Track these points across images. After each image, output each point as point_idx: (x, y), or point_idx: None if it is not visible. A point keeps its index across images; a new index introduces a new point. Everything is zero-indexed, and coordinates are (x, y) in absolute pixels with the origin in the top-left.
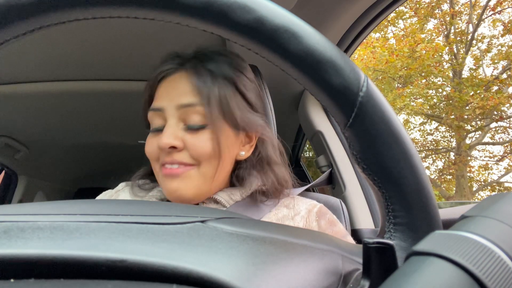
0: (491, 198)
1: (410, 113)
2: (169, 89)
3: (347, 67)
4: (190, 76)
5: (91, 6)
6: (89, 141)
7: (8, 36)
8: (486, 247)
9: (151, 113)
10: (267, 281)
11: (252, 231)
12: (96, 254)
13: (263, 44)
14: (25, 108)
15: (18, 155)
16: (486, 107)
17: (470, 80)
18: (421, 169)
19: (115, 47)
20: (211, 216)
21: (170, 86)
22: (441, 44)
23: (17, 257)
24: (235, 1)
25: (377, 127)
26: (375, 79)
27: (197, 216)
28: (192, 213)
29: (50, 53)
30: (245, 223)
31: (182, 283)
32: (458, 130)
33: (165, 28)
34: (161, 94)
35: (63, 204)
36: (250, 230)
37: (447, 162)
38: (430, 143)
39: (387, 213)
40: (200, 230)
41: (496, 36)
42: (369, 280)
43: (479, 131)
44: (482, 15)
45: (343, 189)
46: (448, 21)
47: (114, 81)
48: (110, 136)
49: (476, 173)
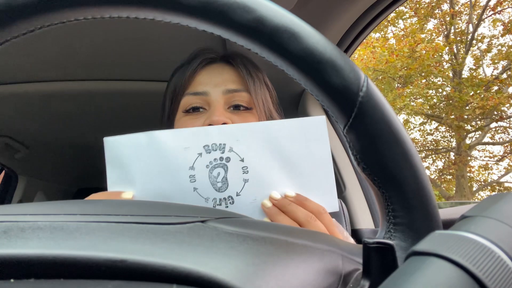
0: (491, 198)
1: (410, 113)
2: (212, 76)
3: (347, 67)
4: (233, 66)
5: (91, 6)
6: (89, 141)
7: (8, 36)
8: (486, 247)
9: (191, 97)
10: (267, 281)
11: (252, 231)
12: (96, 254)
13: (263, 44)
14: (25, 108)
15: (18, 155)
16: (486, 107)
17: (470, 80)
18: (421, 169)
19: (115, 47)
20: (211, 216)
21: (213, 73)
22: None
23: (17, 257)
24: (235, 1)
25: (377, 127)
26: (375, 79)
27: (197, 216)
28: (192, 213)
29: (50, 53)
30: (245, 223)
31: (182, 283)
32: (458, 130)
33: (164, 28)
34: (203, 80)
35: (63, 204)
36: (250, 230)
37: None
38: (430, 143)
39: (387, 213)
40: (200, 230)
41: (496, 36)
42: (369, 280)
43: (479, 131)
44: (482, 15)
45: (343, 189)
46: (448, 21)
47: (114, 81)
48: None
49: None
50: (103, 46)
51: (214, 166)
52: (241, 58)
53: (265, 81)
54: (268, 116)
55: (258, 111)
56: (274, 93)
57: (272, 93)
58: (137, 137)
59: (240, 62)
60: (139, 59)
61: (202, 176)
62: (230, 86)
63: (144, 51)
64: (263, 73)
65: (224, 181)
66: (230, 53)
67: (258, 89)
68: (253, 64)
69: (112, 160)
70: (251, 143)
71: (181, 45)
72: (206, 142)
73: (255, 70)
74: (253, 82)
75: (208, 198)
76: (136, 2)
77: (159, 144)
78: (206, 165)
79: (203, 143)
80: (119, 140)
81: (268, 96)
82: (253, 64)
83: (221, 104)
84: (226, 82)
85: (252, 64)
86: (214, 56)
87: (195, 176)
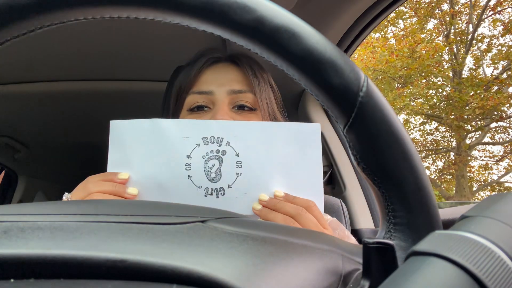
0: (491, 198)
1: (410, 113)
2: (218, 76)
3: (347, 67)
4: (238, 66)
5: (91, 6)
6: (89, 141)
7: (8, 36)
8: (486, 247)
9: (196, 96)
10: (267, 281)
11: (252, 231)
12: (96, 254)
13: (263, 44)
14: (25, 108)
15: (18, 155)
16: (486, 107)
17: (470, 80)
18: (421, 169)
19: (115, 47)
20: (211, 216)
21: (218, 73)
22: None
23: (17, 257)
24: (235, 1)
25: (377, 127)
26: (375, 79)
27: (197, 216)
28: (192, 213)
29: (50, 53)
30: (245, 223)
31: (182, 283)
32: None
33: (165, 28)
34: (209, 80)
35: (63, 204)
36: (250, 230)
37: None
38: (430, 143)
39: (387, 213)
40: (200, 230)
41: (496, 36)
42: (369, 280)
43: (479, 131)
44: (482, 15)
45: (343, 189)
46: (448, 21)
47: (114, 81)
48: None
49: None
50: (103, 46)
51: (210, 157)
52: (247, 59)
53: (270, 82)
54: (272, 117)
55: (262, 112)
56: (278, 94)
57: (277, 94)
58: (140, 122)
59: (246, 63)
60: (139, 59)
61: (198, 166)
62: (235, 86)
63: (144, 51)
64: (268, 74)
65: (218, 172)
66: (236, 53)
67: (263, 90)
68: (258, 65)
69: (115, 143)
70: (248, 140)
71: (181, 45)
72: (205, 134)
73: (260, 71)
74: (258, 83)
75: (200, 186)
76: (136, 2)
77: (161, 131)
78: (202, 155)
79: (202, 134)
80: (123, 124)
81: (273, 97)
82: (258, 65)
83: (226, 103)
84: (231, 82)
85: (258, 64)
86: (219, 56)
87: (191, 164)
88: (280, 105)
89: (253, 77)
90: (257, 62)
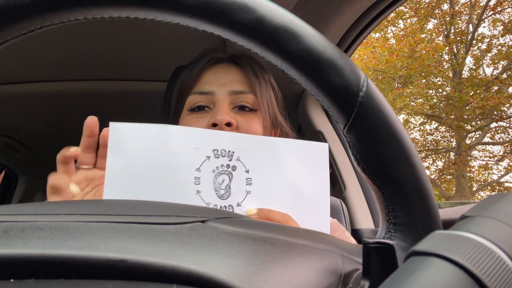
0: (491, 198)
1: (410, 113)
2: (219, 76)
3: (347, 67)
4: (239, 67)
5: (91, 6)
6: None
7: (8, 36)
8: (486, 247)
9: (196, 96)
10: (267, 281)
11: (252, 231)
12: (96, 254)
13: (263, 44)
14: (25, 108)
15: (18, 155)
16: (486, 107)
17: (470, 80)
18: (421, 169)
19: (115, 47)
20: (211, 216)
21: (220, 73)
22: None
23: (17, 257)
24: (235, 1)
25: (377, 127)
26: (375, 79)
27: (197, 216)
28: (192, 213)
29: (50, 53)
30: (245, 223)
31: (182, 283)
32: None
33: (165, 28)
34: (210, 80)
35: (63, 204)
36: (250, 230)
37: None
38: (430, 143)
39: (387, 213)
40: (200, 230)
41: (496, 36)
42: (369, 280)
43: (479, 131)
44: (482, 15)
45: (343, 189)
46: (448, 21)
47: (114, 81)
48: None
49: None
50: (104, 46)
51: (220, 172)
52: (248, 59)
53: (271, 83)
54: (273, 117)
55: (263, 112)
56: (279, 95)
57: (277, 94)
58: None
59: (247, 63)
60: (139, 59)
61: (207, 180)
62: (236, 87)
63: (144, 51)
64: (269, 74)
65: (227, 189)
66: (237, 54)
67: (264, 90)
68: (259, 65)
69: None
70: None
71: (181, 45)
72: (216, 146)
73: (261, 71)
74: (259, 84)
75: (209, 203)
76: (136, 2)
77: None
78: (212, 169)
79: (213, 146)
80: (125, 127)
81: (273, 98)
82: (259, 65)
83: (226, 104)
84: (232, 83)
85: (259, 65)
86: (221, 56)
87: (200, 178)
88: (281, 106)
89: (254, 77)
90: (258, 62)
